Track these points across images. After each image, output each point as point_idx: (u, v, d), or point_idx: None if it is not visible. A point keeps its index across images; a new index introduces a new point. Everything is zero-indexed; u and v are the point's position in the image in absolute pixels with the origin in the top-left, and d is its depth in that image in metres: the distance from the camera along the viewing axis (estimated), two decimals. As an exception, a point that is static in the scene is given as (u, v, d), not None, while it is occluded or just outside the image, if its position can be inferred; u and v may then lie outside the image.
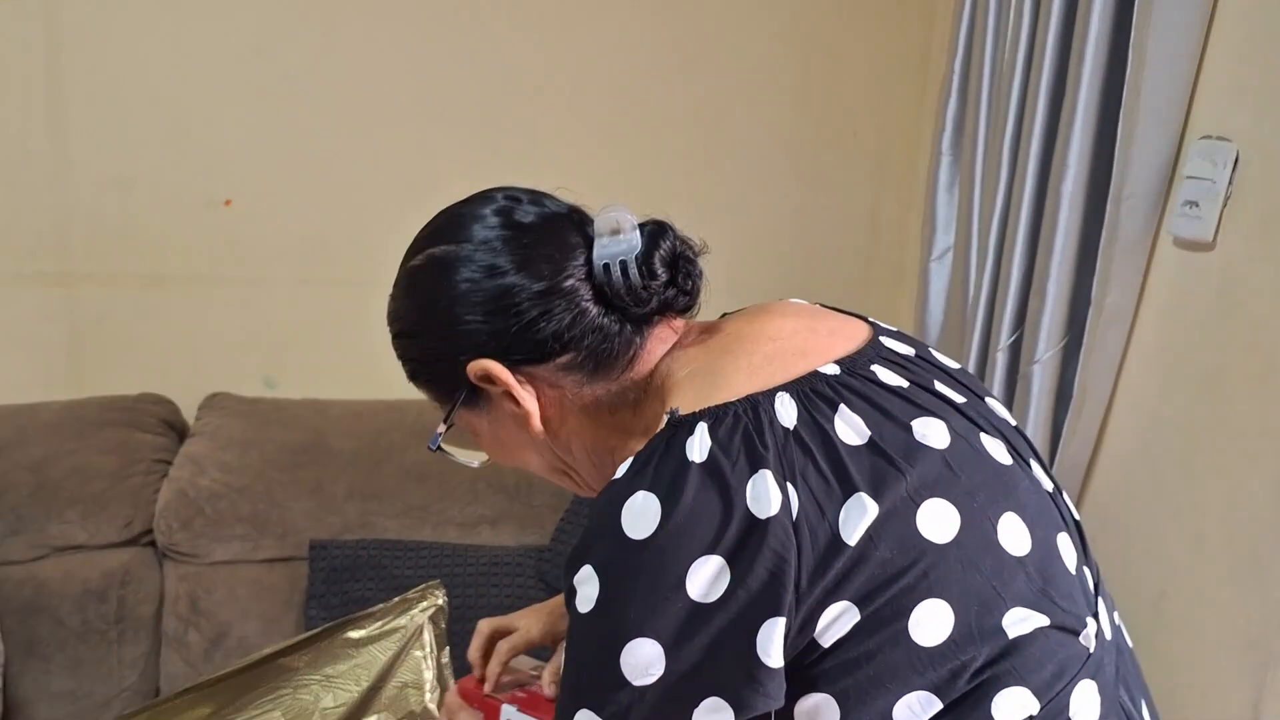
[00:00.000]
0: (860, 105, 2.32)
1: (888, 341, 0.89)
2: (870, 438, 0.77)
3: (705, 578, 0.72)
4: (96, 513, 1.86)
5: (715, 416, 0.76)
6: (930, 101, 2.22)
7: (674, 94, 2.23)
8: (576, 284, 0.84)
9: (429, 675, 1.60)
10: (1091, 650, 0.80)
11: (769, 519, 0.72)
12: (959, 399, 0.86)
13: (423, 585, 1.62)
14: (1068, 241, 1.57)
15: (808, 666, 0.75)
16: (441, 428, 0.91)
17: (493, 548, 1.94)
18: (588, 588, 0.74)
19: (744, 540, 0.72)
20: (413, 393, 2.23)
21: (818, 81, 2.29)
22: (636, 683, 0.73)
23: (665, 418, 0.78)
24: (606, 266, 0.84)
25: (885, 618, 0.75)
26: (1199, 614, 1.46)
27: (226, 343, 2.20)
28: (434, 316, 0.87)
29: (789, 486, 0.73)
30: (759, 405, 0.77)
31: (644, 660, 0.72)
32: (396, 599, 1.61)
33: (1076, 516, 0.89)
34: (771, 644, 0.72)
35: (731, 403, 0.77)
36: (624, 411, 0.88)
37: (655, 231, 0.86)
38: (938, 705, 0.75)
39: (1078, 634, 0.80)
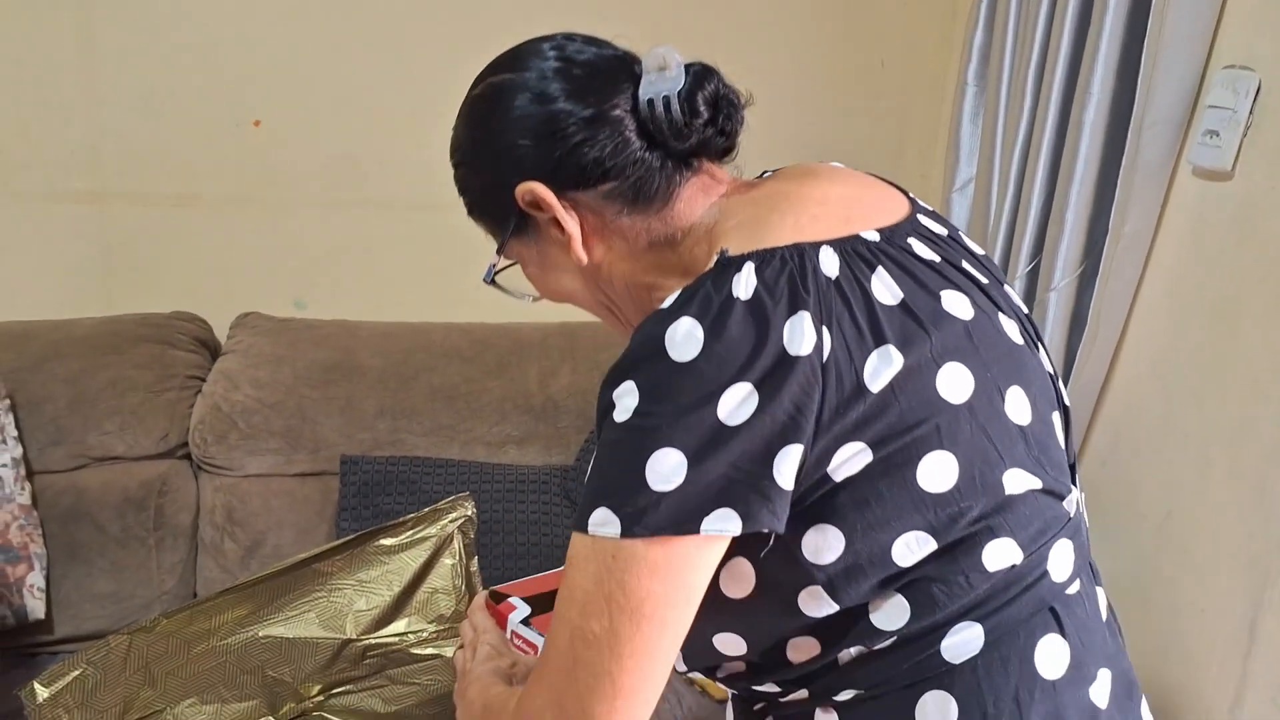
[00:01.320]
0: (888, 36, 2.32)
1: (924, 219, 0.93)
2: (903, 299, 0.83)
3: (734, 401, 0.76)
4: (134, 425, 1.92)
5: (763, 258, 0.80)
6: (957, 32, 2.22)
7: (701, 24, 2.24)
8: (622, 114, 0.88)
9: (458, 582, 1.67)
10: (1071, 515, 0.89)
11: (800, 356, 0.77)
12: (983, 279, 0.91)
13: (453, 497, 1.69)
14: (1088, 169, 1.59)
15: (819, 500, 0.81)
16: (495, 259, 0.97)
17: (519, 466, 1.99)
18: (627, 399, 0.78)
19: (774, 372, 0.77)
20: (440, 315, 2.29)
21: (845, 11, 2.29)
22: (656, 488, 0.77)
23: (715, 257, 0.82)
24: (650, 101, 0.88)
25: (896, 462, 0.81)
26: (1203, 534, 1.50)
27: (256, 263, 2.24)
28: (488, 143, 0.92)
29: (824, 330, 0.78)
30: (805, 253, 0.81)
31: (667, 468, 0.77)
32: (427, 509, 1.66)
33: (1066, 402, 0.96)
34: (786, 466, 0.78)
35: (780, 248, 0.81)
36: (663, 249, 0.93)
37: (701, 73, 0.89)
38: (933, 545, 0.82)
39: (1062, 499, 0.89)
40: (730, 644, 0.88)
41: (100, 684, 1.47)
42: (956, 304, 0.86)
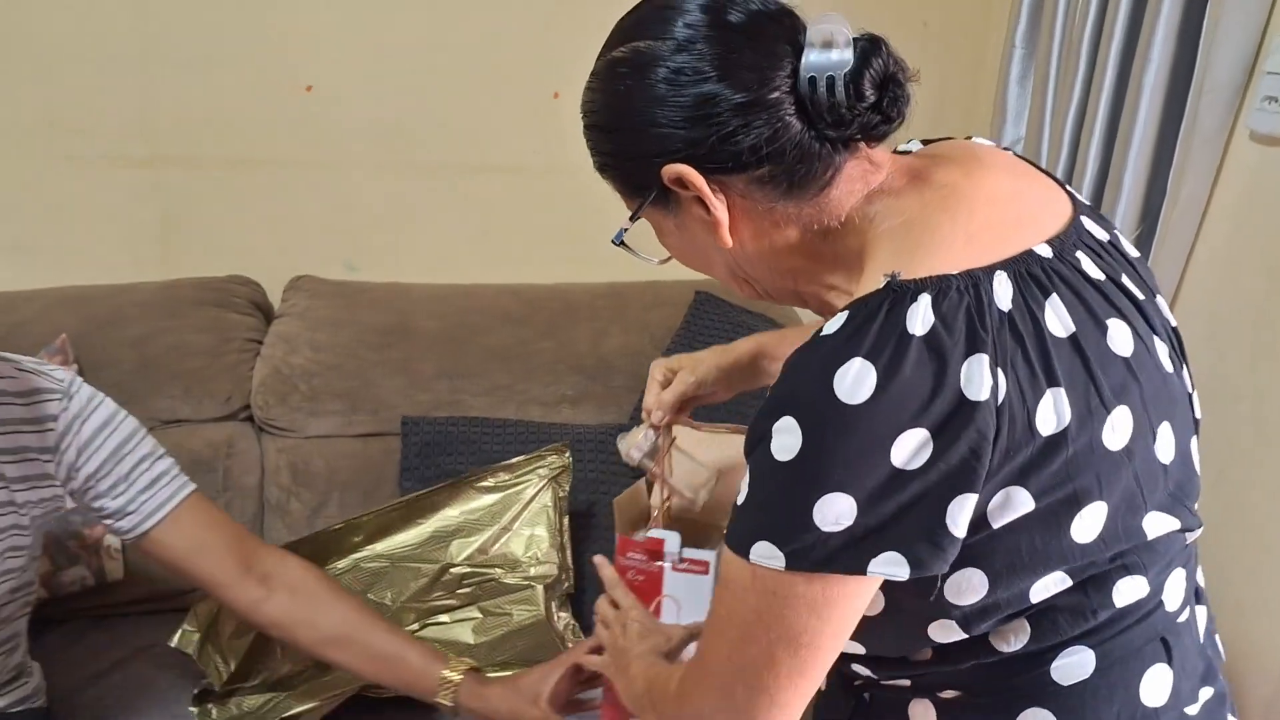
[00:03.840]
0: (930, -3, 2.33)
1: (1087, 222, 0.89)
2: (1074, 333, 0.79)
3: (910, 448, 0.74)
4: (197, 388, 1.96)
5: (939, 289, 0.76)
6: (999, -8, 2.23)
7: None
8: (780, 96, 0.80)
9: (552, 528, 1.78)
10: (1188, 544, 0.89)
11: (979, 402, 0.74)
12: (1140, 295, 0.87)
13: (552, 445, 1.80)
14: (1146, 134, 1.62)
15: (972, 544, 0.78)
16: (627, 224, 0.92)
17: (575, 426, 2.03)
18: (787, 437, 0.75)
19: (951, 418, 0.74)
20: (488, 277, 2.32)
21: (887, -30, 2.30)
22: (825, 529, 0.75)
23: (885, 279, 0.77)
24: (813, 80, 0.80)
25: (1055, 512, 0.79)
26: (1256, 492, 1.54)
27: (306, 226, 2.27)
28: (630, 116, 0.84)
29: (999, 372, 0.75)
30: (980, 284, 0.77)
31: (836, 512, 0.74)
32: (530, 455, 1.78)
33: (1198, 415, 0.93)
34: (961, 516, 0.76)
35: (953, 276, 0.77)
36: (814, 237, 0.87)
37: (868, 49, 0.80)
38: (1068, 583, 0.82)
39: (1189, 532, 0.88)
40: (850, 648, 0.88)
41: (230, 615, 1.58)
42: (1121, 337, 0.82)
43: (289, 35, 2.12)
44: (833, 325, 0.77)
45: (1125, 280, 0.86)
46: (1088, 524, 0.80)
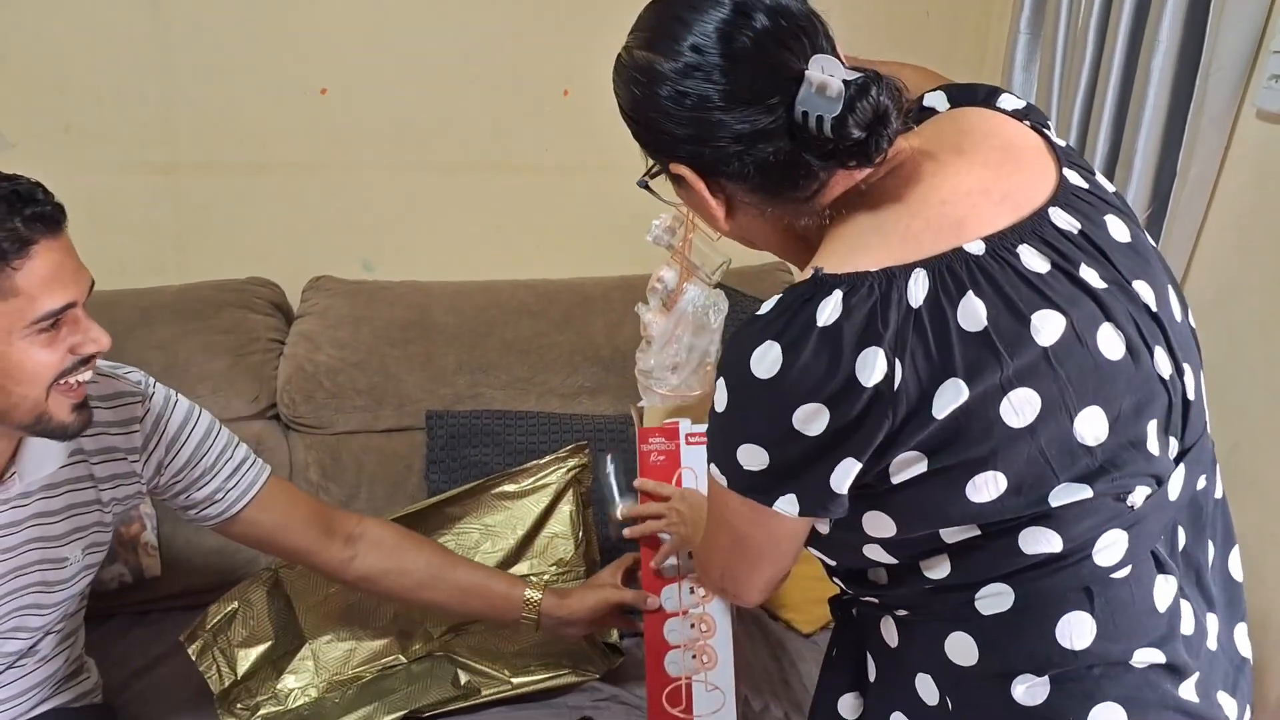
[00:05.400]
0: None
1: (1057, 214, 0.94)
2: (985, 327, 0.87)
3: (806, 415, 0.88)
4: (225, 388, 1.99)
5: (852, 285, 0.88)
6: (1001, -20, 2.26)
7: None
8: (776, 124, 0.88)
9: (576, 528, 1.78)
10: (1135, 507, 0.93)
11: (870, 386, 0.86)
12: (1100, 285, 0.92)
13: (572, 445, 1.81)
14: (1155, 116, 1.65)
15: (878, 494, 0.93)
16: (646, 178, 1.04)
17: (594, 416, 2.06)
18: (721, 394, 0.93)
19: (844, 397, 0.87)
20: (501, 273, 2.35)
21: (890, -39, 2.34)
22: (746, 467, 0.94)
23: (811, 271, 0.90)
24: (805, 114, 0.87)
25: (950, 477, 0.90)
26: (1270, 465, 1.58)
27: (322, 227, 2.30)
28: (642, 114, 0.94)
29: (897, 361, 0.86)
30: (894, 280, 0.88)
31: (753, 456, 0.93)
32: (549, 457, 1.79)
33: (1189, 395, 0.97)
34: (845, 480, 0.91)
35: (871, 273, 0.88)
36: (797, 230, 0.99)
37: (858, 93, 0.87)
38: (976, 532, 0.94)
39: (1118, 496, 0.93)
40: (823, 558, 1.09)
41: (250, 618, 1.62)
42: (1045, 326, 0.88)
43: (303, 40, 2.15)
44: (765, 307, 0.91)
45: (1084, 269, 0.92)
46: (985, 488, 0.90)
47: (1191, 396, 0.98)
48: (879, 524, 0.96)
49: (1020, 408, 0.88)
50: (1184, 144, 1.63)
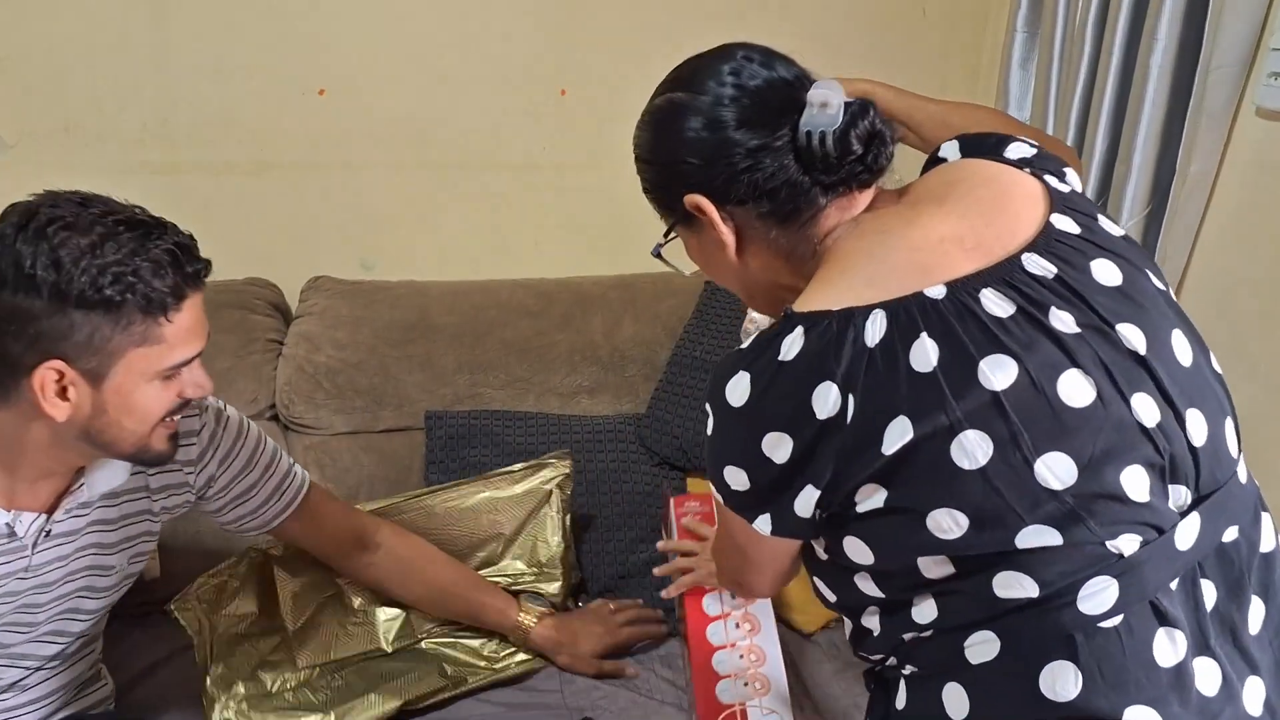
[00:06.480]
0: (928, -18, 2.37)
1: (1030, 259, 0.96)
2: (934, 368, 0.90)
3: (772, 442, 0.95)
4: (225, 389, 1.98)
5: (812, 322, 0.93)
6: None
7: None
8: (783, 145, 1.00)
9: (555, 534, 1.80)
10: (1125, 555, 0.91)
11: (824, 419, 0.92)
12: (1070, 330, 0.92)
13: (554, 453, 1.82)
14: (1154, 114, 1.66)
15: (847, 519, 0.98)
16: (663, 240, 1.14)
17: (593, 417, 2.06)
18: (709, 419, 1.01)
19: (801, 426, 0.93)
20: (499, 272, 2.35)
21: (886, -41, 2.34)
22: (733, 487, 1.01)
23: (784, 311, 0.96)
24: (809, 134, 0.98)
25: (908, 508, 0.93)
26: (1271, 466, 1.58)
27: (321, 227, 2.29)
28: (663, 153, 1.06)
29: (849, 396, 0.91)
30: (852, 320, 0.92)
31: (734, 477, 1.00)
32: (531, 463, 1.80)
33: (1194, 442, 0.95)
34: (806, 504, 0.97)
35: (832, 312, 0.93)
36: (800, 260, 1.05)
37: (858, 111, 0.99)
38: (950, 569, 0.95)
39: (1102, 543, 0.91)
40: (826, 593, 1.11)
41: (238, 592, 1.66)
42: (997, 371, 0.90)
43: (301, 40, 2.14)
44: (747, 341, 0.98)
45: (1054, 313, 0.93)
46: (946, 525, 0.92)
47: (1198, 443, 0.95)
48: (858, 550, 0.99)
49: (970, 450, 0.90)
50: (1183, 141, 1.63)
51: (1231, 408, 1.01)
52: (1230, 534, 0.97)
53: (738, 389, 0.96)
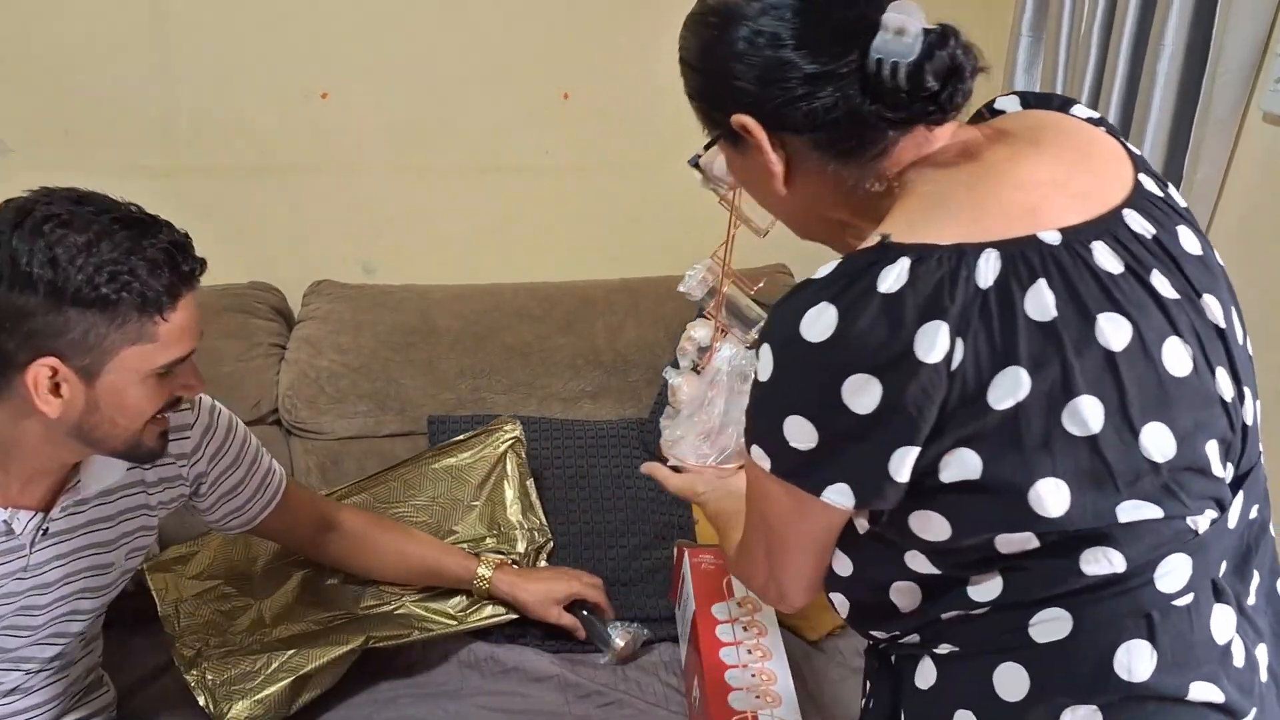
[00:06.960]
0: (932, -13, 2.35)
1: (1131, 216, 0.90)
2: (1053, 319, 0.82)
3: (856, 385, 0.82)
4: (228, 393, 1.96)
5: (920, 255, 0.82)
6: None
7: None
8: (848, 72, 0.86)
9: (515, 494, 1.87)
10: (1200, 532, 0.88)
11: (928, 363, 0.80)
12: (1170, 294, 0.88)
13: (500, 418, 1.91)
14: (1161, 120, 1.65)
15: (924, 490, 0.86)
16: (702, 151, 1.04)
17: (596, 421, 2.06)
18: (766, 362, 0.87)
19: (898, 369, 0.81)
20: (501, 276, 2.34)
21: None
22: (793, 445, 0.86)
23: (878, 237, 0.85)
24: (880, 61, 0.85)
25: (1006, 480, 0.84)
26: (1274, 469, 1.57)
27: (323, 231, 2.29)
28: (712, 62, 0.92)
29: (959, 340, 0.81)
30: (965, 258, 0.82)
31: (800, 431, 0.86)
32: (479, 430, 1.90)
33: (1247, 421, 0.93)
34: (903, 466, 0.84)
35: (941, 246, 0.83)
36: (859, 195, 0.93)
37: (936, 41, 0.85)
38: (1035, 544, 0.87)
39: (1184, 518, 0.88)
40: (839, 567, 0.99)
41: (210, 563, 1.73)
42: (1112, 330, 0.84)
43: (303, 44, 2.14)
44: (822, 271, 0.86)
45: (1156, 276, 0.88)
46: (1048, 499, 0.84)
47: (1249, 422, 0.94)
48: (931, 526, 0.88)
49: (1083, 415, 0.83)
50: (1190, 147, 1.62)
51: (1256, 389, 0.99)
52: (1254, 512, 0.96)
53: (819, 322, 0.82)
